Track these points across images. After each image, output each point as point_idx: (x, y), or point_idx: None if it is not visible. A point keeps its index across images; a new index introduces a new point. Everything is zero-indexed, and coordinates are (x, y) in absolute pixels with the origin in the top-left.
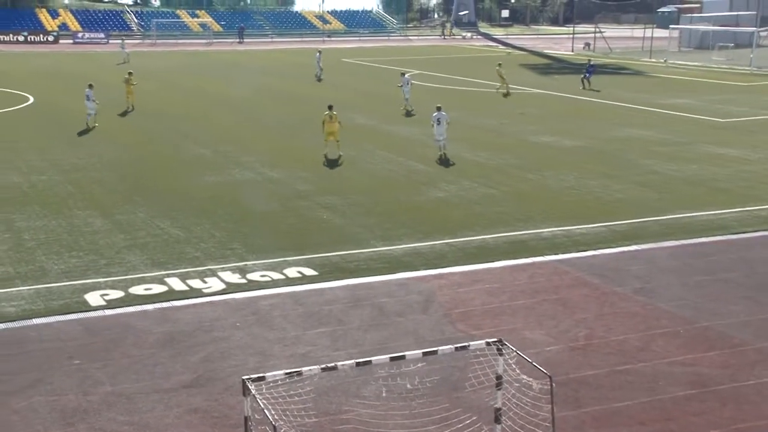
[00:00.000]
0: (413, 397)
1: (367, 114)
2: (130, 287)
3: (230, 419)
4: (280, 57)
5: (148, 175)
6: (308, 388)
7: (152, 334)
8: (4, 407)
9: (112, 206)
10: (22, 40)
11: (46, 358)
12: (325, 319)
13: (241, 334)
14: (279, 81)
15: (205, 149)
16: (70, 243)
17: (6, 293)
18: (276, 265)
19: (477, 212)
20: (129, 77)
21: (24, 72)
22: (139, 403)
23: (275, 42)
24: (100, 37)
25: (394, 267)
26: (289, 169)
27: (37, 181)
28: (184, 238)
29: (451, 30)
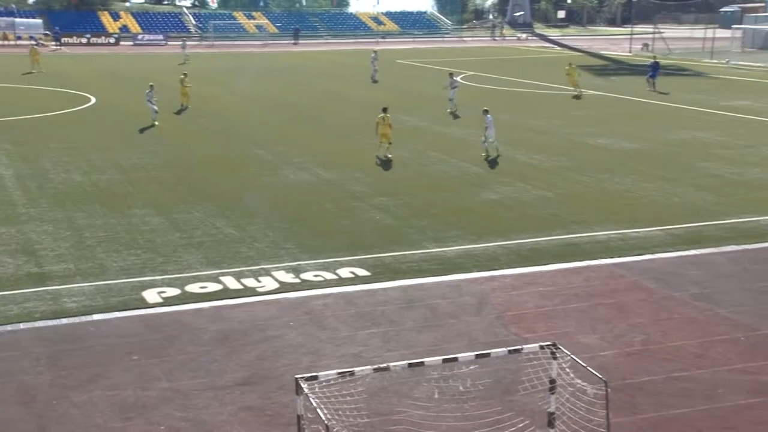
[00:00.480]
0: (465, 399)
1: (420, 115)
2: (186, 285)
3: (283, 417)
4: (334, 58)
5: (204, 174)
6: (360, 389)
7: (207, 331)
8: (65, 401)
9: (169, 205)
10: (85, 42)
11: (105, 354)
12: (378, 320)
13: (294, 333)
14: (333, 82)
15: (261, 150)
16: (129, 241)
17: (67, 289)
18: (329, 265)
19: (530, 214)
20: (183, 78)
21: (86, 73)
22: (195, 400)
23: (329, 43)
24: (159, 38)
25: (447, 268)
26: (342, 169)
27: (97, 180)
28: (239, 238)
29: (502, 31)
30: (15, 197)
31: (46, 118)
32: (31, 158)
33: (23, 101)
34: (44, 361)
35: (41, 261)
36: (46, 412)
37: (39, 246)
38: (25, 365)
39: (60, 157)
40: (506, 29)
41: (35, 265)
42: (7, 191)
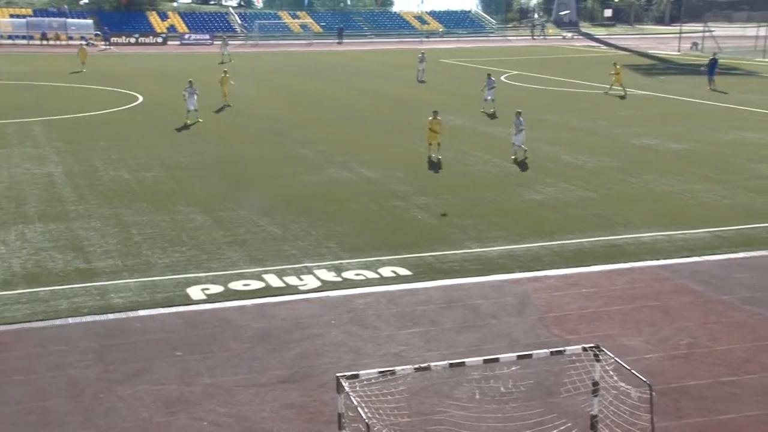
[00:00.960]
0: (507, 400)
1: (463, 114)
2: (230, 282)
3: (324, 415)
4: (378, 58)
5: (248, 173)
6: (401, 388)
7: (250, 329)
8: (111, 394)
9: (214, 203)
10: (133, 42)
11: (150, 349)
12: (419, 319)
13: (335, 331)
14: (377, 81)
15: (304, 149)
16: (174, 238)
17: (114, 285)
18: (371, 264)
19: (574, 215)
20: (224, 77)
21: (134, 72)
22: (237, 396)
23: (373, 42)
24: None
25: (489, 269)
26: (385, 169)
27: (144, 178)
28: (282, 236)
29: (543, 30)
30: (64, 194)
31: (95, 117)
32: (80, 156)
33: (74, 100)
34: (91, 355)
35: (89, 257)
36: (94, 405)
37: (87, 242)
38: (73, 359)
39: (108, 154)
40: (551, 28)
41: (84, 261)
42: (57, 188)
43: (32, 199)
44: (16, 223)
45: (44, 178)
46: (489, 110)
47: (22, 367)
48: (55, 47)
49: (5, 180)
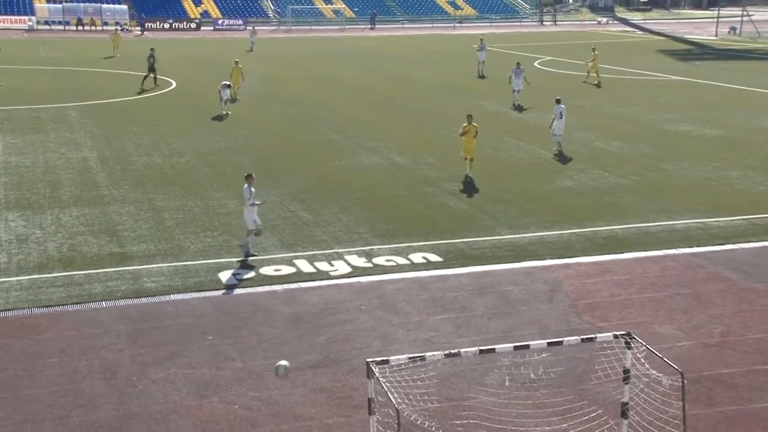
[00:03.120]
0: (537, 387)
1: (496, 100)
2: (261, 268)
3: (354, 400)
4: (410, 43)
5: (280, 158)
6: (431, 374)
7: (280, 313)
8: (144, 377)
9: None
10: (167, 28)
11: (182, 333)
12: (449, 306)
13: (365, 317)
14: (409, 67)
15: (336, 134)
16: (206, 223)
17: (147, 269)
18: (401, 250)
19: (607, 202)
20: (236, 68)
21: (168, 58)
22: (268, 380)
23: (406, 28)
24: (238, 23)
25: (520, 255)
26: (416, 154)
27: (177, 163)
28: (313, 221)
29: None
30: (99, 179)
31: (129, 102)
32: (114, 141)
33: (109, 85)
34: (125, 338)
35: (123, 241)
36: (127, 387)
37: (121, 227)
38: (107, 342)
39: (142, 140)
40: (586, 13)
41: (117, 245)
42: (92, 173)
43: (67, 183)
44: (52, 207)
45: (79, 163)
46: (517, 102)
47: (57, 349)
48: (90, 33)
49: (41, 164)
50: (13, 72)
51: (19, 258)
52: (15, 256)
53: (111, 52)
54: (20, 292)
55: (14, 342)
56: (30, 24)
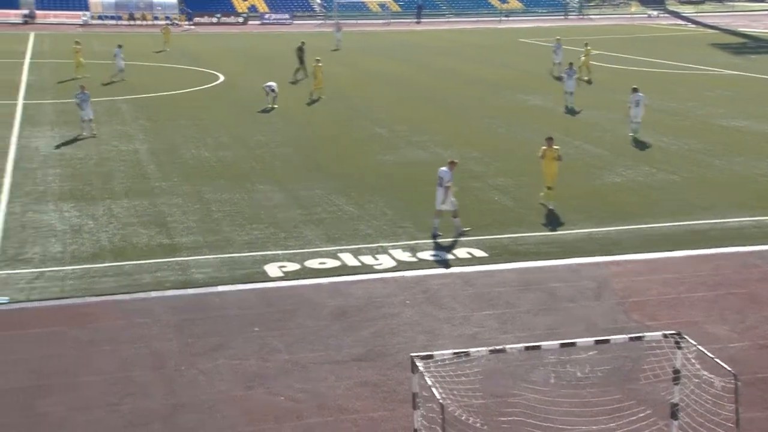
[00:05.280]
0: (583, 385)
1: (542, 95)
2: (306, 261)
3: (398, 394)
4: (456, 37)
5: (326, 152)
6: (476, 369)
7: (326, 306)
8: (192, 367)
9: (292, 182)
10: (215, 22)
11: (228, 324)
12: (494, 301)
13: (410, 311)
14: (455, 61)
15: (381, 128)
16: (252, 216)
17: (195, 261)
18: (446, 244)
19: (656, 199)
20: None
21: (216, 52)
22: (313, 373)
23: (452, 22)
24: (285, 18)
25: (567, 252)
26: (462, 149)
27: (224, 156)
28: (358, 215)
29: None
30: (149, 171)
31: (178, 95)
32: (164, 134)
33: (158, 79)
34: (173, 328)
35: (172, 233)
36: (175, 377)
37: (170, 218)
38: (156, 332)
39: (190, 133)
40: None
41: (166, 237)
42: (142, 165)
43: (119, 175)
44: (104, 198)
45: (130, 155)
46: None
47: (109, 338)
48: (141, 27)
49: (94, 156)
50: (69, 66)
51: (74, 248)
52: (69, 246)
53: (162, 47)
54: (74, 280)
55: (69, 330)
56: (84, 19)
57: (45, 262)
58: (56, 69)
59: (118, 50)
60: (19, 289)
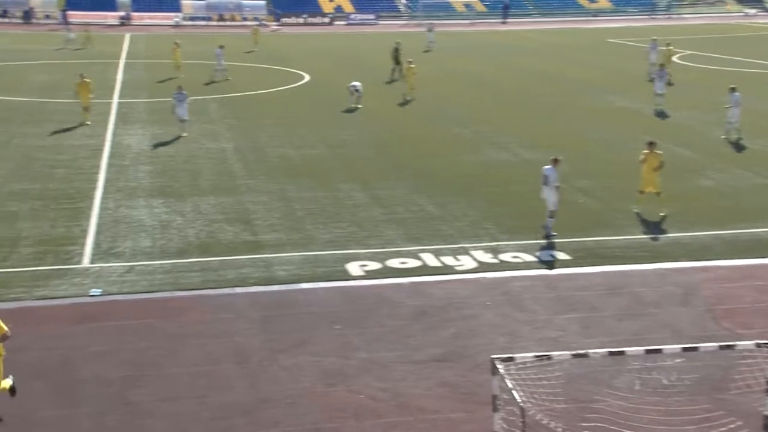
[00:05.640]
0: (670, 393)
1: (630, 97)
2: (387, 260)
3: (478, 396)
4: (542, 37)
5: (408, 152)
6: (557, 373)
7: (406, 306)
8: (274, 363)
9: (373, 181)
10: (301, 22)
11: (310, 321)
12: (578, 305)
13: (491, 313)
14: (541, 62)
15: (464, 129)
16: (334, 214)
17: (278, 258)
18: (528, 247)
19: (750, 204)
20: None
21: (302, 52)
22: (393, 372)
23: (538, 22)
24: (370, 18)
25: (654, 256)
26: (546, 150)
27: (307, 155)
28: (440, 216)
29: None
30: (235, 169)
31: (264, 95)
32: (249, 132)
33: (246, 78)
34: (256, 324)
35: (256, 230)
36: (258, 372)
37: (254, 216)
38: (240, 327)
39: (275, 132)
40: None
41: (251, 234)
42: (228, 163)
43: (206, 172)
44: (192, 195)
45: (217, 153)
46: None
47: (195, 332)
48: (230, 27)
49: (183, 154)
50: (162, 66)
51: (162, 243)
52: (158, 241)
53: (252, 47)
54: (163, 275)
55: (157, 323)
56: (176, 20)
57: (135, 256)
58: (149, 69)
59: (219, 51)
60: (111, 282)
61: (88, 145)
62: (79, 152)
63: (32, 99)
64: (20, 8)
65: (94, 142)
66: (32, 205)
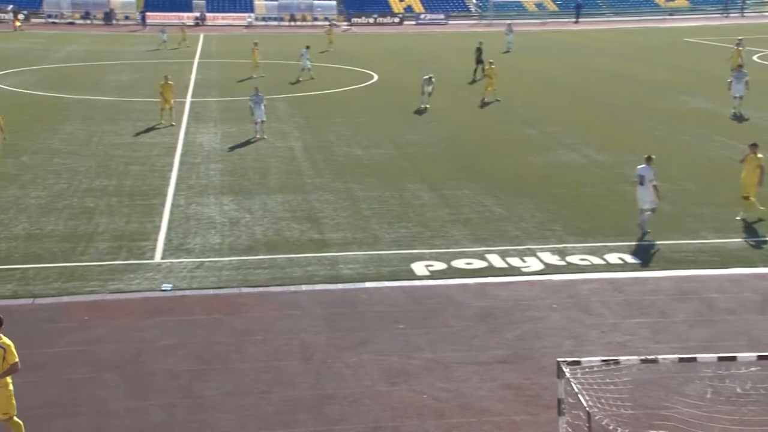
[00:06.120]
0: (744, 402)
1: (707, 98)
2: (453, 260)
3: (542, 399)
4: (615, 37)
5: (475, 153)
6: (625, 379)
7: (470, 307)
8: (338, 361)
9: (440, 181)
10: (372, 22)
11: (374, 320)
12: (647, 310)
13: (556, 315)
14: (613, 62)
15: (532, 129)
16: (401, 214)
17: (344, 256)
18: (596, 249)
19: None
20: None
21: (371, 52)
22: (456, 373)
23: (611, 21)
24: (440, 18)
25: (728, 261)
26: (616, 152)
27: (375, 155)
28: (506, 217)
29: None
30: (303, 167)
31: (333, 94)
32: (318, 131)
33: (317, 78)
34: (321, 322)
35: (322, 228)
36: (322, 369)
37: (321, 214)
38: (305, 324)
39: (343, 131)
40: None
41: (317, 232)
42: (297, 162)
43: (274, 171)
44: (260, 193)
45: (285, 152)
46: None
47: (261, 328)
48: (301, 28)
49: (252, 152)
50: (233, 66)
51: (231, 240)
52: (227, 238)
53: (326, 47)
54: (231, 271)
55: (224, 318)
56: (249, 21)
57: (205, 252)
58: (222, 68)
59: (305, 51)
60: (181, 277)
61: (162, 143)
62: (154, 150)
63: (112, 98)
64: (101, 10)
65: (168, 140)
66: (108, 201)
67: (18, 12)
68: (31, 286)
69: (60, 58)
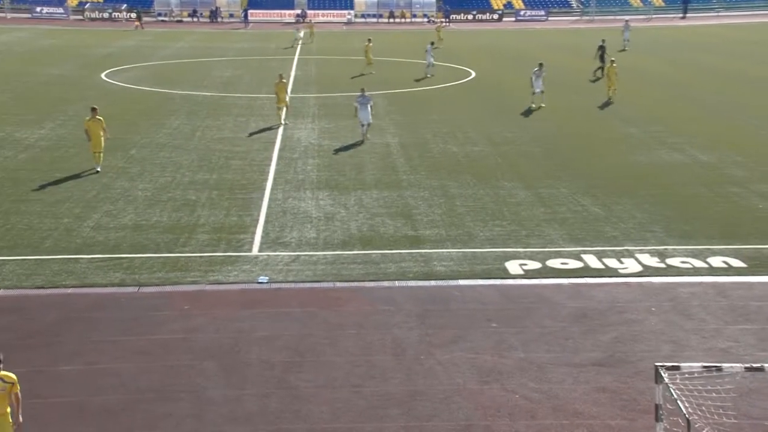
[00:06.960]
0: None
1: None
2: (547, 260)
3: (639, 404)
4: (725, 33)
5: (573, 151)
6: (728, 386)
7: (565, 307)
8: (430, 357)
9: (536, 180)
10: (470, 19)
11: (467, 318)
12: (753, 316)
13: (655, 319)
14: (722, 59)
15: (634, 128)
16: (495, 212)
17: (438, 253)
18: (699, 252)
19: None
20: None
21: (469, 48)
22: (549, 374)
23: (722, 16)
24: (540, 14)
25: None
26: (722, 152)
27: (470, 152)
28: (604, 217)
29: None
30: (398, 164)
31: (431, 91)
32: (414, 128)
33: (413, 75)
34: (414, 318)
35: (416, 225)
36: (414, 365)
37: (416, 211)
38: (398, 320)
39: (439, 128)
40: None
41: (411, 229)
42: (392, 158)
43: (370, 167)
44: (356, 188)
45: (382, 148)
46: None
47: (355, 322)
48: (400, 24)
49: (349, 148)
50: (333, 62)
51: (326, 234)
52: (322, 233)
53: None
54: (325, 266)
55: (319, 311)
56: (348, 17)
57: (301, 246)
58: (320, 65)
59: (429, 47)
60: (278, 270)
61: (262, 138)
62: (253, 145)
63: (214, 93)
64: (207, 8)
65: (267, 135)
66: (209, 194)
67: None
68: (137, 275)
69: (167, 54)
